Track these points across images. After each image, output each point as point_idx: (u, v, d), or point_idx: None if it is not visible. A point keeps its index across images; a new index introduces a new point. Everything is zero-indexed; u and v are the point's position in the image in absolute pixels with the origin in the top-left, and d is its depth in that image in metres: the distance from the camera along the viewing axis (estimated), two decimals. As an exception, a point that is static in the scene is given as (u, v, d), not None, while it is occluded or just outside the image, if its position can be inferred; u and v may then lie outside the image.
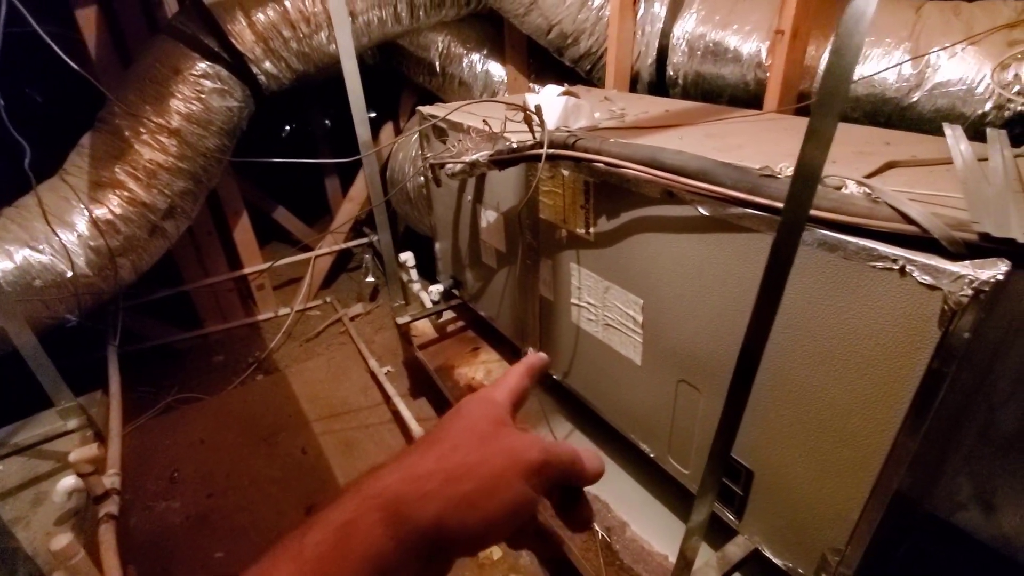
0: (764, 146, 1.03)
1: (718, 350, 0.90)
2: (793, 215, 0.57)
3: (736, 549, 0.99)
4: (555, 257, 1.25)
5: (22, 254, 1.57)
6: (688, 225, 0.87)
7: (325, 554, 0.28)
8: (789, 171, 0.75)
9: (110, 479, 1.29)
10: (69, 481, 1.24)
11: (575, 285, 1.21)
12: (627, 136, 1.14)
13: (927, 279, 0.60)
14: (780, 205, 0.71)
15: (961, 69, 1.27)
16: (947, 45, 1.28)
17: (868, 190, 0.70)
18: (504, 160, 1.14)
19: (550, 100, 1.25)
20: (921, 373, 0.64)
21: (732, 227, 0.80)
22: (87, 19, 1.99)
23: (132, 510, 1.78)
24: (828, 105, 0.51)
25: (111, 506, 1.22)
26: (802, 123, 1.22)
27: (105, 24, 2.03)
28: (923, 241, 0.62)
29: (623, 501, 1.27)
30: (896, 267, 0.62)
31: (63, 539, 0.97)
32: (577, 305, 1.23)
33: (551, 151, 1.02)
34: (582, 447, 0.40)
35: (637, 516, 1.23)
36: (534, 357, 0.47)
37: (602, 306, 1.15)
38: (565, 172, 1.10)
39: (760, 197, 0.73)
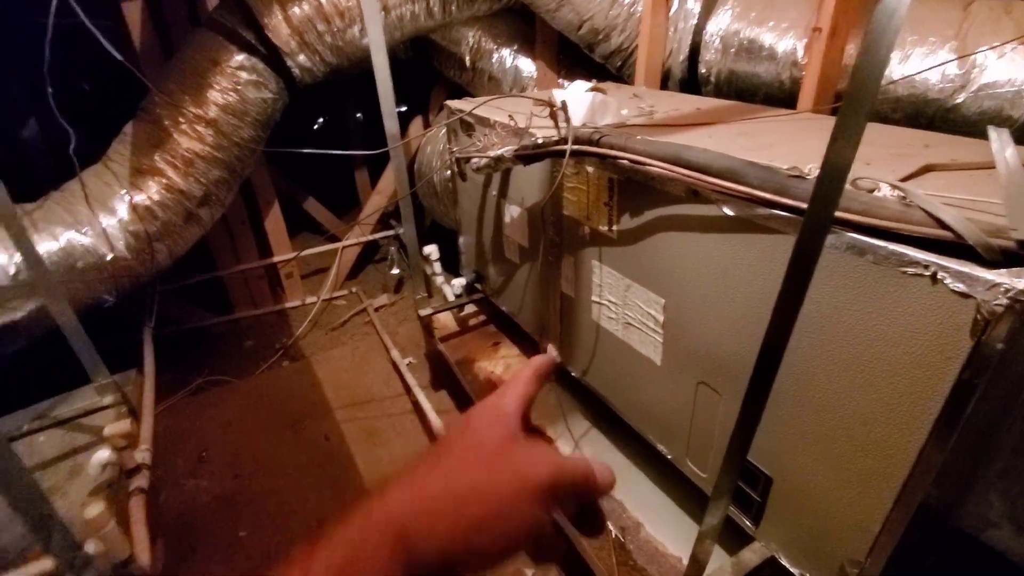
0: (796, 146, 1.01)
1: (740, 353, 0.88)
2: (817, 216, 0.56)
3: (752, 555, 0.97)
4: (577, 254, 1.24)
5: (67, 236, 1.64)
6: (713, 225, 0.86)
7: (333, 574, 0.29)
8: (817, 171, 0.73)
9: (141, 454, 1.34)
10: (103, 454, 1.29)
11: (596, 283, 1.20)
12: (655, 133, 1.12)
13: (960, 286, 0.58)
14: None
15: (1010, 70, 1.21)
16: (996, 44, 1.23)
17: (901, 193, 0.68)
18: (529, 155, 1.14)
19: (577, 96, 1.25)
20: (951, 384, 0.61)
21: (758, 228, 0.78)
22: (132, 12, 2.07)
23: (163, 486, 1.85)
24: (857, 103, 0.50)
25: (142, 480, 1.27)
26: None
27: (149, 17, 2.10)
28: (957, 247, 0.59)
29: (639, 501, 1.26)
30: (927, 273, 0.60)
31: (95, 508, 1.02)
32: (598, 303, 1.22)
33: (575, 147, 1.01)
34: (595, 460, 0.40)
35: (653, 517, 1.23)
36: (541, 359, 0.46)
37: (623, 304, 1.14)
38: (590, 169, 1.09)
39: (787, 198, 0.72)
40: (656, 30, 1.75)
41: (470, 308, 2.01)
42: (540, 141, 1.15)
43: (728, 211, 0.81)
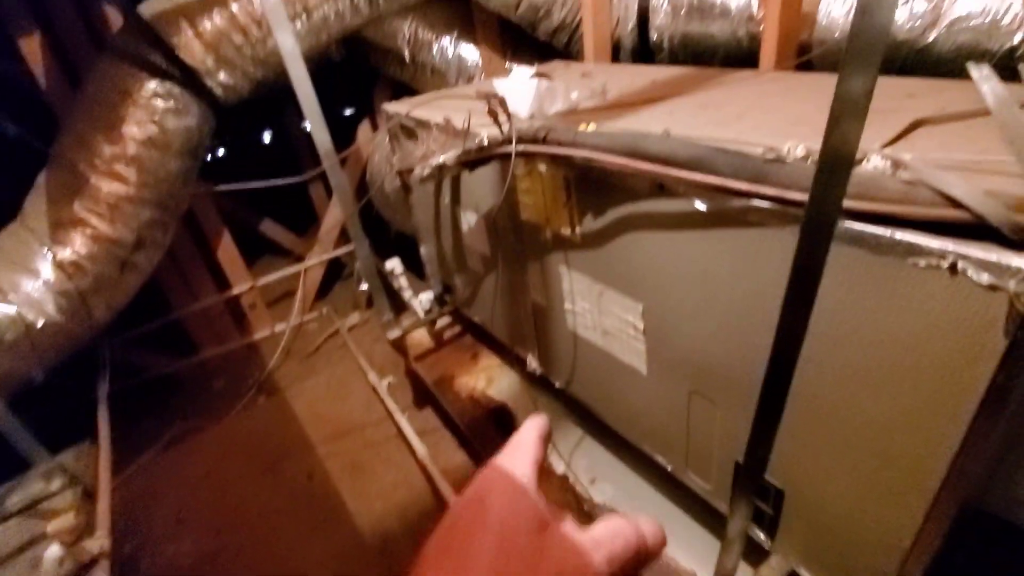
0: (768, 114, 0.90)
1: (732, 360, 0.78)
2: (821, 209, 0.46)
3: (770, 572, 0.89)
4: (542, 260, 1.13)
5: (-14, 308, 1.49)
6: (685, 221, 0.75)
7: None
8: (799, 151, 0.62)
9: (99, 543, 1.21)
10: (54, 551, 1.17)
11: (566, 289, 1.10)
12: (610, 117, 1.01)
13: (986, 277, 0.48)
14: (794, 196, 0.59)
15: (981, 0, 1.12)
16: (964, -28, 1.12)
17: (900, 167, 0.58)
18: (472, 160, 1.02)
19: (521, 85, 1.13)
20: (984, 388, 0.52)
21: (737, 222, 0.68)
22: (31, 47, 1.87)
23: (141, 556, 1.73)
24: (862, 59, 0.38)
25: (101, 573, 1.15)
26: (806, 81, 1.07)
27: (51, 51, 1.91)
28: (977, 229, 0.49)
29: (645, 513, 1.17)
30: (944, 264, 0.50)
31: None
32: (571, 311, 1.11)
33: (520, 147, 0.89)
34: (642, 519, 0.34)
35: (660, 530, 1.14)
36: (541, 420, 0.39)
37: (598, 311, 1.03)
38: (542, 167, 0.98)
39: (766, 187, 0.61)
40: (599, 1, 1.62)
41: (443, 320, 1.89)
42: (484, 143, 1.02)
43: (700, 205, 0.70)
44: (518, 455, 0.36)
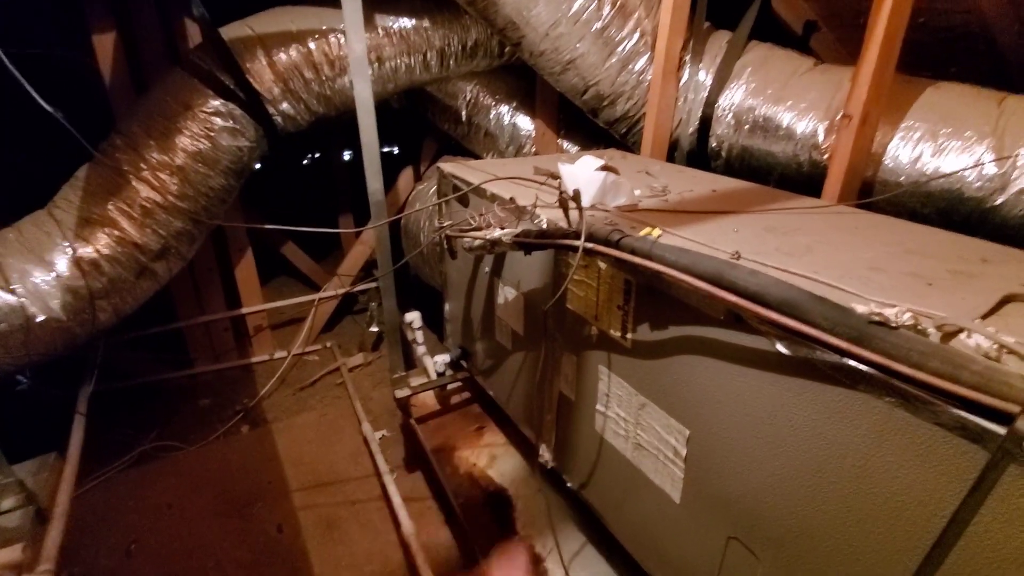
0: (838, 252, 0.88)
1: (788, 517, 0.71)
2: None
3: None
4: (580, 354, 1.08)
5: (-8, 293, 1.43)
6: (759, 359, 0.70)
7: None
8: (906, 317, 0.58)
9: (42, 577, 1.10)
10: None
11: (602, 391, 1.04)
12: (674, 222, 0.99)
13: None
14: (903, 369, 0.54)
15: (1056, 172, 1.12)
16: (1040, 145, 1.13)
17: (1006, 351, 0.53)
18: (531, 244, 0.99)
19: (587, 175, 1.12)
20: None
21: (821, 375, 0.63)
22: (104, 45, 1.92)
23: (81, 585, 1.58)
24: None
25: (39, 613, 1.03)
26: (872, 221, 1.05)
27: (123, 52, 1.95)
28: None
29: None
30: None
31: None
32: (603, 414, 1.05)
33: (589, 246, 0.86)
34: None
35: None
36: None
37: (634, 423, 0.97)
38: (602, 265, 0.94)
39: (868, 351, 0.57)
40: (665, 100, 1.65)
41: (452, 383, 1.82)
42: (545, 227, 1.00)
43: (782, 348, 0.66)
44: None
